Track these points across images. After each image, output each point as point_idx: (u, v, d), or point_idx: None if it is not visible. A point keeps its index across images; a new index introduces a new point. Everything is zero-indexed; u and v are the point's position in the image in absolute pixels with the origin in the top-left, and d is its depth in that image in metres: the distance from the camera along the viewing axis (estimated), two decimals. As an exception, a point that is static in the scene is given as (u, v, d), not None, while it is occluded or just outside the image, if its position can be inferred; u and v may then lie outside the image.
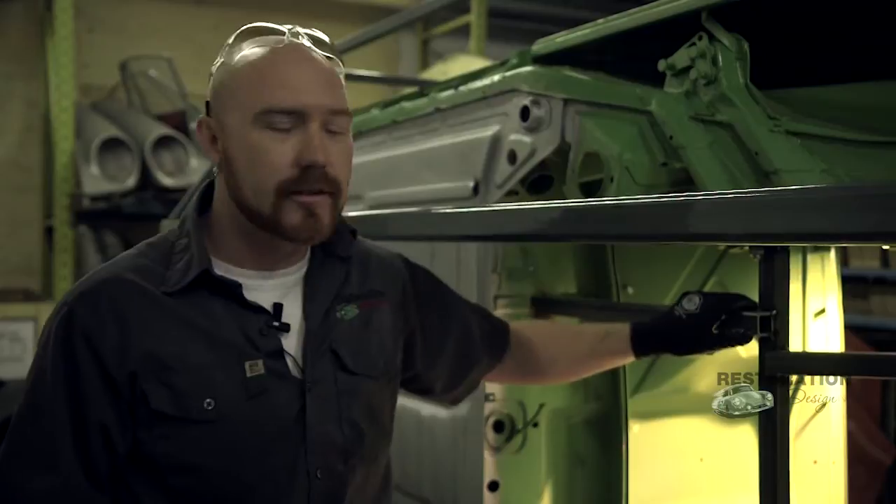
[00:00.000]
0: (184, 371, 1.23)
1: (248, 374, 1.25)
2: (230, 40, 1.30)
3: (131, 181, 5.41)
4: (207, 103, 1.31)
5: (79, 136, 5.65)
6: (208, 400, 1.23)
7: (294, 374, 1.29)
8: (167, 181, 5.38)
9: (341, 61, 1.33)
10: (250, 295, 1.29)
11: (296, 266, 1.35)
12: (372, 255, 1.48)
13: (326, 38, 1.33)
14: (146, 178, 5.43)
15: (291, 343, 1.31)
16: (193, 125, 5.66)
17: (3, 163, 6.37)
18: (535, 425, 2.08)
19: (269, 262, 1.32)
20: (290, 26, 1.30)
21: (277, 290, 1.32)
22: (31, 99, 6.42)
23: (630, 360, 1.62)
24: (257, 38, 1.28)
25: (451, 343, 1.58)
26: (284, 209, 1.24)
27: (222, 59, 1.30)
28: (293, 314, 1.32)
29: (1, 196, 6.30)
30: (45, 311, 5.34)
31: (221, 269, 1.30)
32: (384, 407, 1.42)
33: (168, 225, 3.83)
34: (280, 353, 1.29)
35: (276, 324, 1.29)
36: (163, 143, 5.48)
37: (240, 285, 1.28)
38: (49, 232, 5.97)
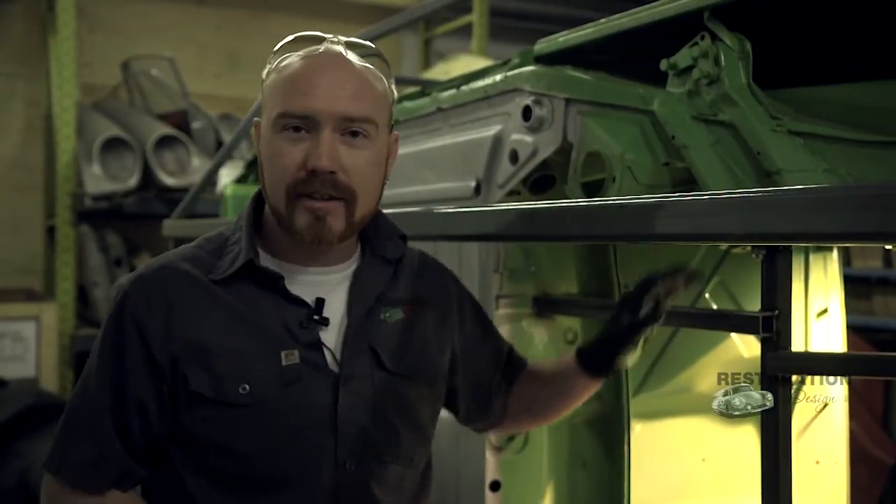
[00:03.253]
0: (223, 356, 1.29)
1: (284, 363, 1.31)
2: (276, 48, 1.36)
3: (133, 181, 5.40)
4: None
5: (80, 136, 5.65)
6: (244, 385, 1.29)
7: (331, 368, 1.34)
8: (169, 181, 5.37)
9: (386, 71, 1.37)
10: (295, 288, 1.35)
11: (343, 264, 1.40)
12: (425, 265, 1.53)
13: (367, 45, 1.38)
14: (148, 177, 5.43)
15: (331, 337, 1.35)
16: (195, 125, 5.74)
17: (5, 162, 6.37)
18: (537, 425, 2.08)
19: (308, 257, 1.37)
20: (332, 35, 1.36)
21: (323, 285, 1.37)
22: (32, 99, 6.41)
23: (589, 382, 1.57)
24: (299, 46, 1.34)
25: (482, 372, 1.58)
26: (295, 211, 1.30)
27: (267, 68, 1.35)
28: (337, 310, 1.37)
29: (3, 196, 6.30)
30: (47, 310, 5.37)
31: (269, 261, 1.36)
32: (423, 409, 1.44)
33: (170, 225, 3.84)
34: (317, 345, 1.34)
35: (316, 317, 1.34)
36: (165, 142, 5.47)
37: (282, 277, 1.34)
38: (51, 231, 5.97)
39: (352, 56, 1.34)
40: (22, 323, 5.21)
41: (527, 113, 1.89)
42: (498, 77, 2.04)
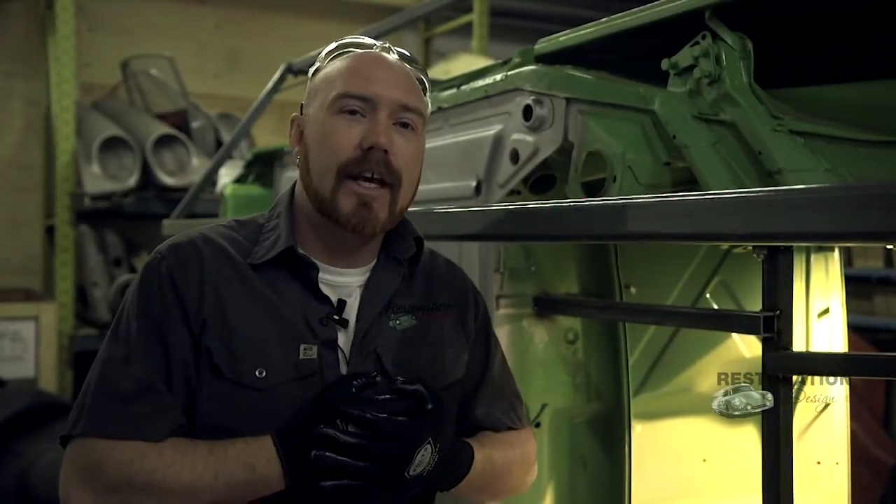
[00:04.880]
0: (244, 338, 1.30)
1: (301, 356, 1.31)
2: (326, 50, 1.41)
3: (132, 180, 5.41)
4: (301, 105, 1.42)
5: (80, 136, 5.65)
6: (261, 369, 1.30)
7: (341, 369, 1.35)
8: (168, 180, 5.37)
9: (426, 79, 1.44)
10: (321, 285, 1.36)
11: (363, 267, 1.41)
12: (441, 268, 1.52)
13: (410, 56, 1.44)
14: (147, 177, 5.43)
15: (343, 338, 1.36)
16: (195, 124, 5.73)
17: (4, 162, 6.37)
18: (538, 426, 2.07)
19: (335, 255, 1.38)
20: (380, 42, 1.42)
21: (341, 286, 1.38)
22: (32, 98, 6.41)
23: None
24: (350, 48, 1.40)
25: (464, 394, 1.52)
26: (341, 193, 1.31)
27: (316, 66, 1.42)
28: (351, 312, 1.38)
29: (2, 195, 6.30)
30: (46, 310, 5.36)
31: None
32: None
33: (170, 225, 3.83)
34: (334, 344, 1.35)
35: (336, 317, 1.35)
36: (164, 142, 5.47)
37: (317, 268, 1.35)
38: (50, 231, 5.97)
39: (401, 60, 1.42)
40: (21, 323, 5.20)
41: (527, 112, 1.88)
42: (498, 76, 2.04)
